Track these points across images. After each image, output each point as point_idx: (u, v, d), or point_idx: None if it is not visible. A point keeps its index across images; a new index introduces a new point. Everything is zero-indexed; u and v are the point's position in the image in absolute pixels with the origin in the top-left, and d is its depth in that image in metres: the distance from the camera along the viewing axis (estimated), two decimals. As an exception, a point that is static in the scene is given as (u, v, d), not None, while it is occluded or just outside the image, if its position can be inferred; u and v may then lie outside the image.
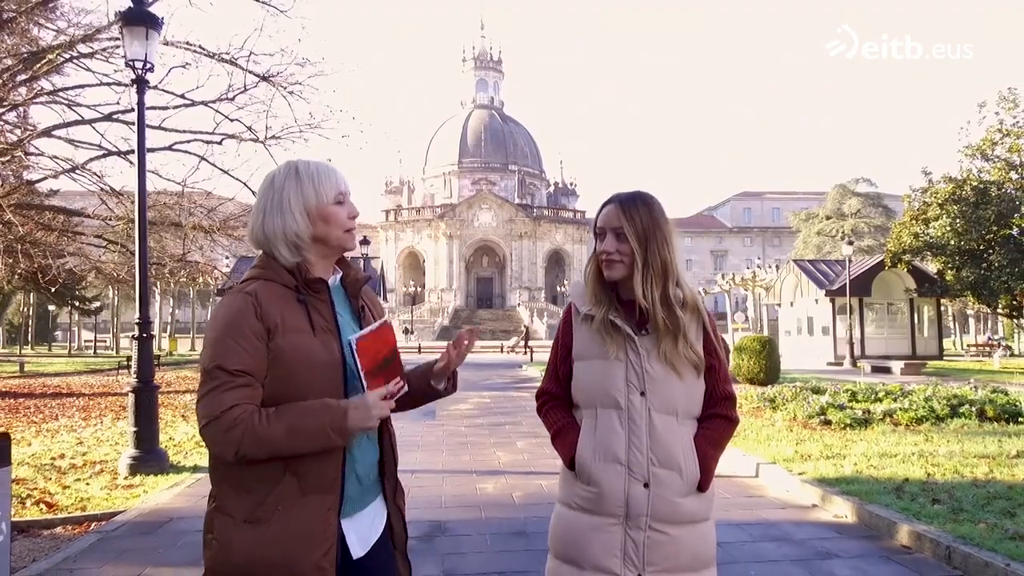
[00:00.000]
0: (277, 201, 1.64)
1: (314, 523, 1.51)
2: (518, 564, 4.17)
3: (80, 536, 4.91)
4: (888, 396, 9.83)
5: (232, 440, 1.48)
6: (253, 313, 1.54)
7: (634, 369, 1.74)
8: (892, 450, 6.84)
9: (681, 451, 1.74)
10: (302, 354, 1.54)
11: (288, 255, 1.63)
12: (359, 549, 1.62)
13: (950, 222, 24.81)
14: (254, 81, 15.18)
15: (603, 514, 1.72)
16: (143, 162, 7.51)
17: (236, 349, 1.51)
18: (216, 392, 1.50)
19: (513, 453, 7.84)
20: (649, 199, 1.82)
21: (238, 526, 1.51)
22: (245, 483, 1.53)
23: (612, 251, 1.77)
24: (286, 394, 1.53)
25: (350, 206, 1.70)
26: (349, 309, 1.73)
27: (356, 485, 1.62)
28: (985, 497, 5.00)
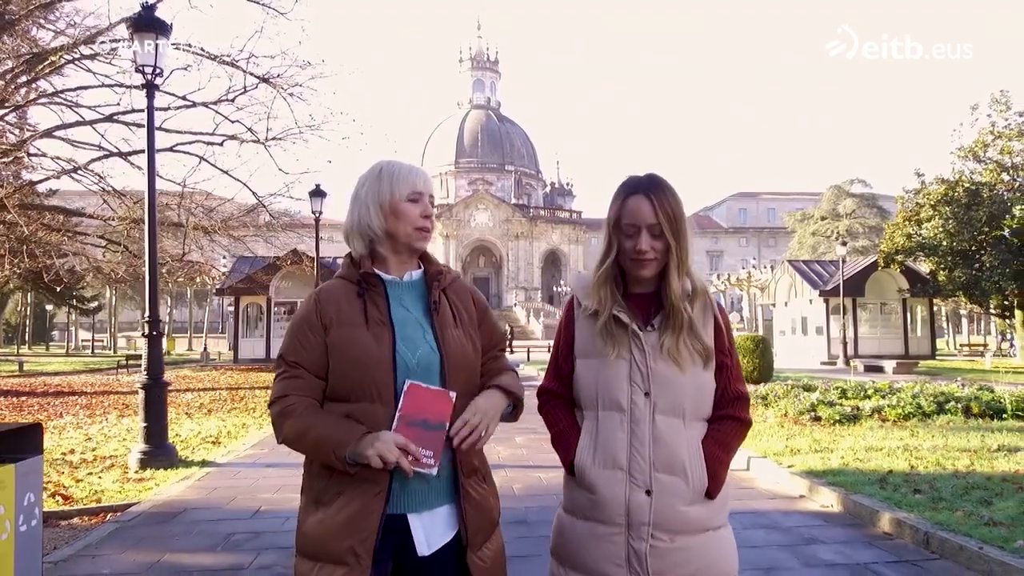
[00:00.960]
0: (358, 196, 1.74)
1: (361, 510, 1.56)
2: (519, 550, 4.38)
3: (98, 526, 5.12)
4: (877, 393, 10.10)
5: (277, 425, 1.65)
6: (314, 310, 1.67)
7: (638, 368, 1.66)
8: (878, 444, 7.09)
9: (687, 455, 1.65)
10: (351, 346, 1.62)
11: (360, 246, 1.73)
12: (425, 548, 1.63)
13: (942, 223, 25.15)
14: (254, 83, 15.38)
15: (604, 522, 1.64)
16: (153, 165, 7.70)
17: (295, 344, 1.67)
18: (278, 380, 1.68)
19: (512, 448, 8.06)
20: (669, 184, 1.72)
21: (308, 507, 1.64)
22: (316, 468, 1.65)
23: (648, 249, 1.66)
24: (342, 385, 1.63)
25: (424, 206, 1.73)
26: (424, 305, 1.74)
27: (421, 481, 1.62)
28: (964, 487, 5.24)
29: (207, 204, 18.64)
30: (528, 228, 72.88)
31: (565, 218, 77.12)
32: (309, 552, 1.60)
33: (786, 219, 67.56)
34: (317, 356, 1.64)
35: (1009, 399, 9.02)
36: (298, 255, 23.31)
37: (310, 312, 1.68)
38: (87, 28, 15.34)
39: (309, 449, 1.62)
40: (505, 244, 72.27)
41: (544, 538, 4.62)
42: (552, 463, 7.16)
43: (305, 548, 1.61)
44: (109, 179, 16.50)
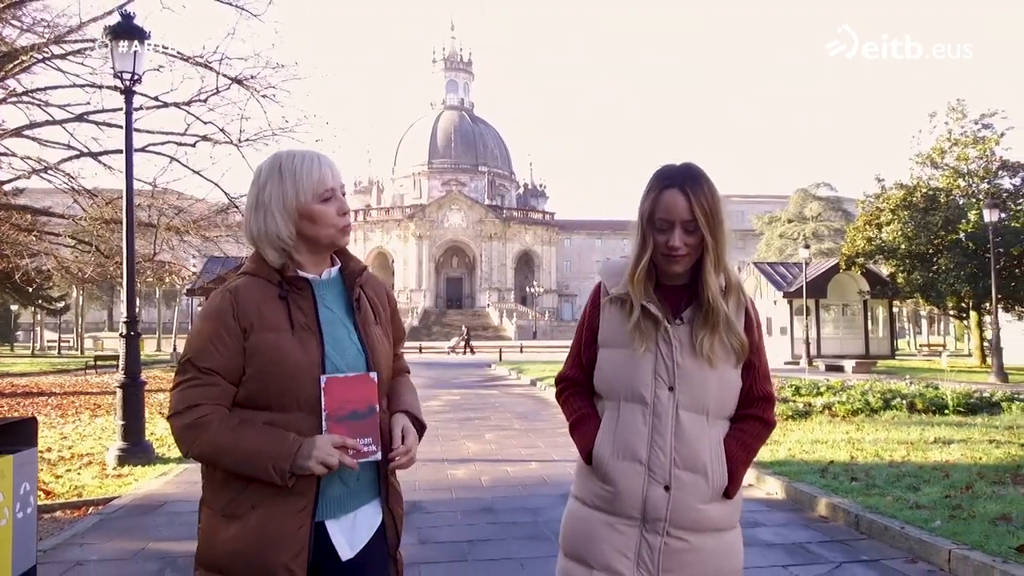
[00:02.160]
0: (260, 200, 1.59)
1: (286, 524, 1.48)
2: (485, 535, 4.72)
3: (81, 519, 5.33)
4: (829, 391, 10.63)
5: (187, 438, 1.50)
6: (231, 312, 1.53)
7: (664, 362, 1.62)
8: (824, 437, 7.55)
9: (709, 454, 1.61)
10: (276, 353, 1.51)
11: (275, 257, 1.58)
12: (348, 551, 1.58)
13: (901, 227, 25.96)
14: (226, 83, 15.49)
15: (618, 514, 1.62)
16: (131, 169, 7.89)
17: (208, 347, 1.51)
18: (184, 387, 1.52)
19: (482, 444, 8.38)
20: (706, 174, 1.64)
21: (217, 519, 1.51)
22: (224, 478, 1.52)
23: (681, 245, 1.60)
24: (263, 393, 1.52)
25: (339, 202, 1.61)
26: (344, 303, 1.66)
27: (340, 487, 1.57)
28: (896, 475, 5.68)
29: (178, 204, 18.65)
30: (501, 229, 73.27)
31: (538, 219, 77.66)
32: (221, 567, 1.50)
33: (754, 221, 68.77)
34: (233, 361, 1.51)
35: (951, 396, 9.59)
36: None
37: (226, 312, 1.53)
38: (56, 27, 15.31)
39: (235, 464, 1.48)
40: (478, 245, 72.56)
41: (508, 525, 4.99)
42: (518, 456, 7.55)
43: (216, 563, 1.51)
44: (81, 179, 16.53)
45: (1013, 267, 24.68)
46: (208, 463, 1.54)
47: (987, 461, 6.22)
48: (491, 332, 58.09)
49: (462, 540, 4.60)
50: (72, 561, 4.26)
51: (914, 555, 4.14)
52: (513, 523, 4.96)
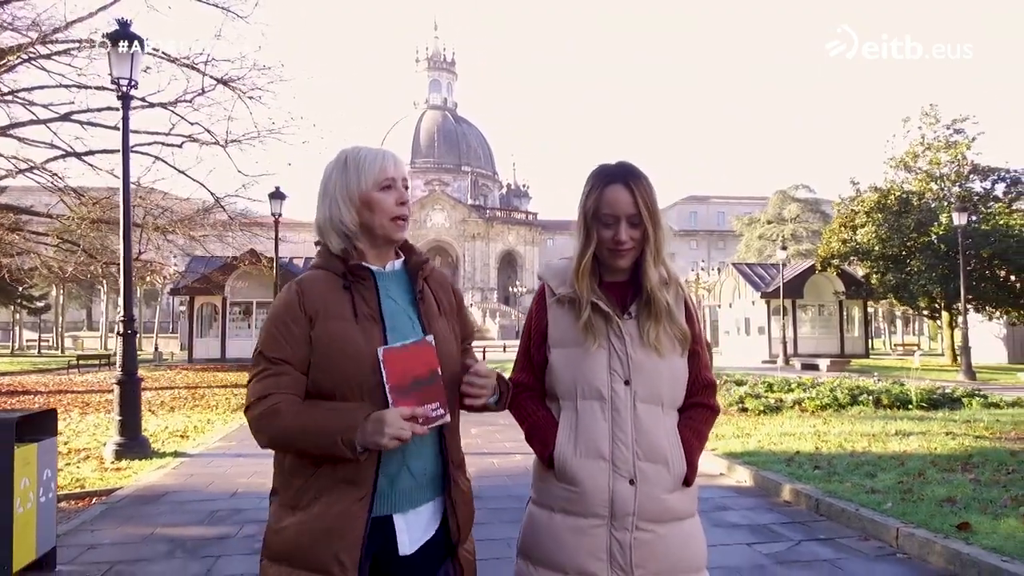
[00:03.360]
0: (326, 190, 1.64)
1: (343, 515, 1.49)
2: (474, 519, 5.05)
3: (86, 508, 5.60)
4: (799, 387, 11.09)
5: (262, 428, 1.53)
6: (297, 303, 1.57)
7: (618, 356, 1.63)
8: (793, 430, 7.98)
9: (667, 443, 1.63)
10: (340, 342, 1.53)
11: (338, 243, 1.63)
12: (408, 547, 1.57)
13: (875, 229, 26.57)
14: (212, 84, 15.69)
15: (586, 515, 1.61)
16: (127, 171, 8.11)
17: (277, 338, 1.55)
18: (258, 378, 1.55)
19: (468, 438, 8.66)
20: (641, 171, 1.69)
21: (284, 510, 1.54)
22: (292, 470, 1.55)
23: (626, 239, 1.64)
24: (329, 382, 1.53)
25: (399, 192, 1.65)
26: (408, 295, 1.67)
27: (409, 479, 1.56)
28: (856, 464, 6.10)
29: (163, 203, 18.76)
30: (484, 229, 73.60)
31: (521, 219, 78.06)
32: (284, 556, 1.52)
33: (734, 223, 69.67)
34: (301, 351, 1.55)
35: (915, 392, 10.07)
36: (256, 255, 23.50)
37: (292, 304, 1.57)
38: (41, 25, 15.37)
39: (307, 444, 1.50)
40: (461, 245, 72.82)
41: (495, 510, 5.33)
42: (503, 450, 7.90)
43: (280, 552, 1.53)
44: (67, 179, 16.63)
45: (983, 269, 25.40)
46: (282, 449, 1.56)
47: (941, 451, 6.66)
48: (475, 332, 58.36)
49: (452, 524, 4.92)
50: (85, 545, 4.54)
51: (866, 534, 4.54)
52: (500, 509, 5.29)
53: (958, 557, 3.86)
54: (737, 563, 4.07)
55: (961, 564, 3.83)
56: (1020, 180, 27.82)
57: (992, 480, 5.42)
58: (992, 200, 27.54)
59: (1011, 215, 25.68)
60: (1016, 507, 4.61)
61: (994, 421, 8.59)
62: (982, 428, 8.03)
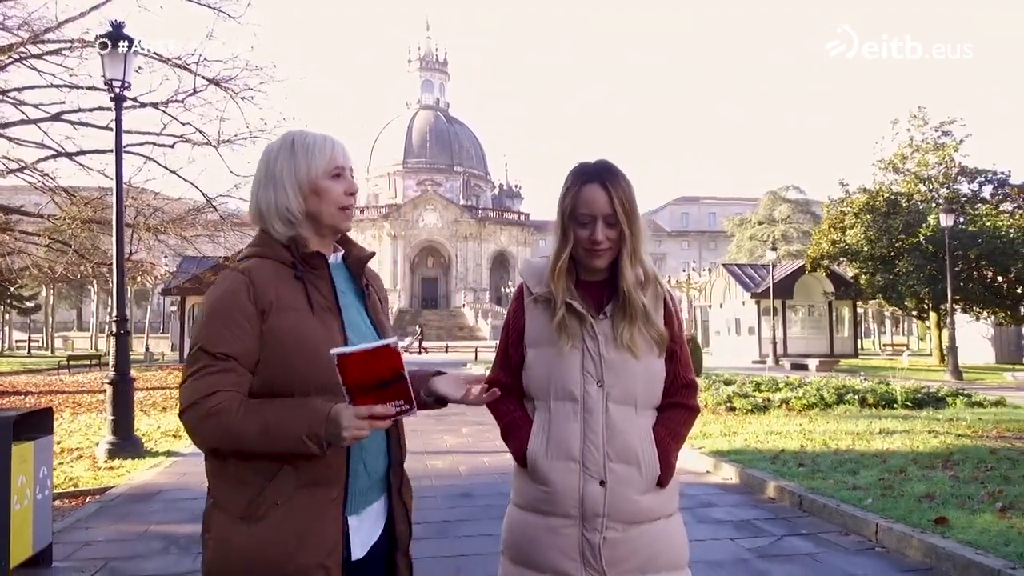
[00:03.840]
0: (270, 173, 1.56)
1: (316, 519, 1.40)
2: (463, 515, 5.14)
3: (81, 506, 5.66)
4: (787, 387, 11.23)
5: (206, 430, 1.39)
6: (245, 293, 1.45)
7: (591, 357, 1.63)
8: (779, 429, 8.10)
9: (640, 444, 1.62)
10: (298, 335, 1.44)
11: (282, 230, 1.54)
12: (359, 549, 1.51)
13: (864, 230, 26.78)
14: (203, 84, 15.72)
15: (558, 515, 1.61)
16: (120, 172, 8.16)
17: (222, 331, 1.42)
18: (198, 376, 1.40)
19: (459, 437, 8.79)
20: (621, 170, 1.68)
21: (235, 523, 1.39)
22: (241, 476, 1.41)
23: (602, 239, 1.63)
24: (284, 378, 1.43)
25: (348, 182, 1.59)
26: (353, 289, 1.62)
27: (365, 477, 1.50)
28: (839, 461, 6.22)
29: (155, 203, 18.75)
30: (477, 229, 73.58)
31: (513, 220, 78.12)
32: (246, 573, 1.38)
33: (725, 224, 70.01)
34: (250, 346, 1.43)
35: (900, 391, 10.22)
36: (247, 255, 23.48)
37: (239, 295, 1.45)
38: (31, 24, 15.35)
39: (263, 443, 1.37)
40: (454, 245, 72.80)
41: (485, 507, 5.42)
42: (495, 448, 8.00)
43: (238, 571, 1.38)
44: (58, 179, 16.61)
45: (971, 270, 25.65)
46: (230, 452, 1.41)
47: (923, 449, 6.79)
48: (466, 332, 58.41)
49: (442, 520, 5.01)
50: (80, 542, 4.60)
51: (847, 529, 4.65)
52: (489, 506, 5.38)
53: (934, 551, 3.98)
54: (720, 558, 4.17)
55: (937, 557, 3.95)
56: (1007, 182, 28.13)
57: (971, 477, 5.54)
58: (980, 202, 27.83)
59: (998, 216, 25.97)
60: (992, 502, 4.73)
61: (976, 420, 8.74)
62: (964, 427, 8.17)
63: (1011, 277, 24.90)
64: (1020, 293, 25.49)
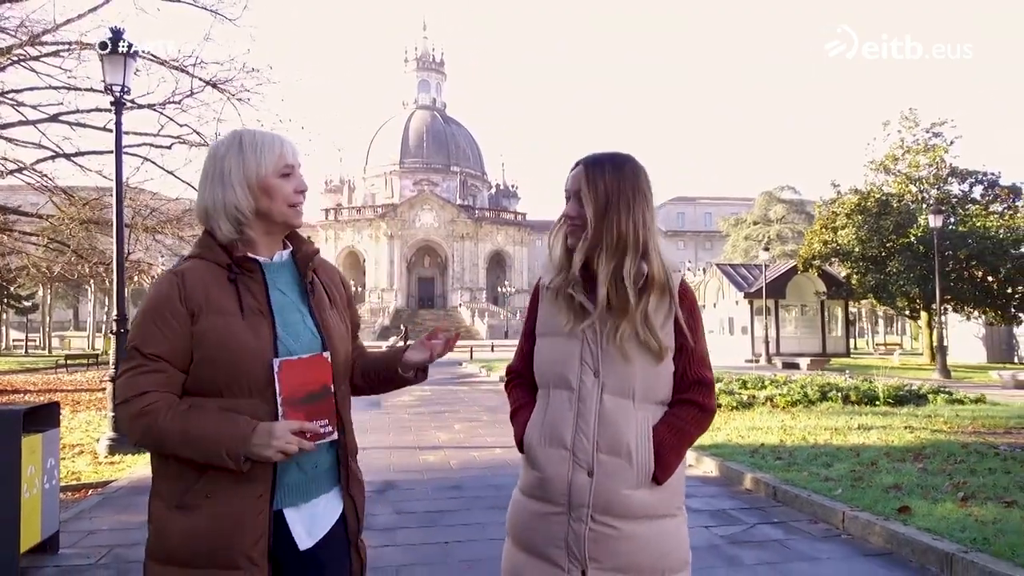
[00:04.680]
0: (218, 172, 1.56)
1: (244, 512, 1.46)
2: (453, 507, 5.36)
3: (84, 498, 5.86)
4: (772, 384, 11.48)
5: (136, 428, 1.46)
6: (177, 295, 1.50)
7: (590, 347, 1.62)
8: (761, 425, 8.35)
9: (634, 438, 1.59)
10: (224, 337, 1.48)
11: (228, 230, 1.56)
12: (307, 540, 1.56)
13: (855, 231, 27.05)
14: (200, 86, 15.93)
15: (548, 502, 1.62)
16: (120, 174, 8.37)
17: (154, 332, 1.48)
18: (131, 374, 1.48)
19: (451, 433, 9.02)
20: (621, 161, 1.66)
21: (171, 512, 1.48)
22: (178, 469, 1.48)
23: (573, 215, 1.65)
24: (211, 379, 1.48)
25: (298, 180, 1.61)
26: (297, 286, 1.64)
27: (298, 473, 1.55)
28: (815, 455, 6.46)
29: (152, 204, 18.94)
30: (473, 229, 73.76)
31: (510, 220, 78.33)
32: (177, 558, 1.47)
33: (721, 224, 70.32)
34: (181, 347, 1.49)
35: (882, 389, 10.47)
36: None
37: (172, 297, 1.50)
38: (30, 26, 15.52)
39: (186, 451, 1.45)
40: (450, 245, 72.98)
41: (474, 498, 5.65)
42: (485, 444, 8.23)
43: (171, 554, 1.48)
44: (57, 179, 16.83)
45: (961, 270, 25.92)
46: (158, 451, 1.50)
47: (897, 443, 7.04)
48: (462, 331, 58.60)
49: (433, 511, 5.23)
50: (85, 531, 4.82)
51: (817, 517, 4.89)
52: (478, 497, 5.61)
53: (895, 537, 4.22)
54: (692, 543, 4.36)
55: (897, 543, 4.19)
56: (997, 183, 28.45)
57: (939, 469, 5.79)
58: (970, 202, 28.14)
59: (987, 217, 26.27)
60: (955, 492, 4.97)
61: (954, 416, 8.99)
62: (941, 423, 8.43)
63: (1000, 277, 25.18)
64: (1010, 293, 25.78)
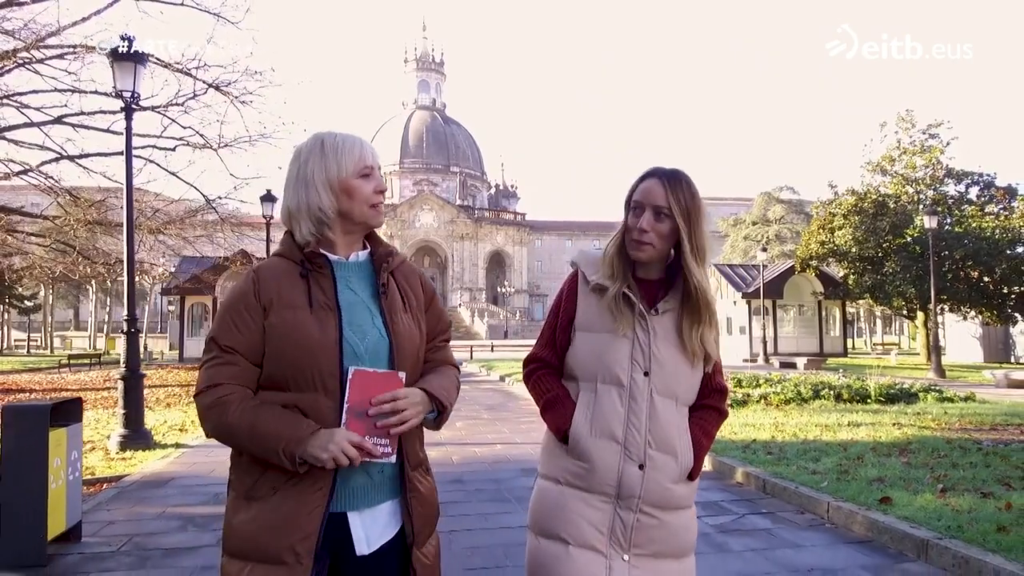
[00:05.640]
0: (301, 175, 1.61)
1: (301, 507, 1.49)
2: (455, 498, 5.59)
3: (100, 492, 6.09)
4: (767, 383, 11.72)
5: (209, 419, 1.52)
6: (252, 291, 1.56)
7: (641, 348, 1.70)
8: (754, 422, 8.58)
9: (678, 436, 1.71)
10: (293, 331, 1.52)
11: (310, 230, 1.60)
12: (364, 547, 1.56)
13: (852, 231, 27.24)
14: (203, 88, 16.16)
15: (593, 491, 1.69)
16: (130, 177, 8.59)
17: (229, 326, 1.54)
18: (208, 365, 1.54)
19: (453, 431, 9.24)
20: (690, 179, 1.76)
21: (240, 501, 1.54)
22: (247, 461, 1.54)
23: (648, 229, 1.70)
24: (280, 372, 1.52)
25: (377, 180, 1.66)
26: (371, 287, 1.65)
27: (363, 476, 1.55)
28: (805, 450, 6.69)
29: (155, 204, 19.17)
30: (473, 229, 74.04)
31: (510, 220, 78.59)
32: (239, 551, 1.51)
33: (720, 224, 70.55)
34: (254, 340, 1.54)
35: (873, 387, 10.71)
36: (247, 256, 23.95)
37: (248, 292, 1.56)
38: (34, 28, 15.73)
39: (250, 446, 1.50)
40: (450, 245, 73.25)
41: (474, 491, 5.89)
42: (485, 440, 8.47)
43: (235, 547, 1.53)
44: (62, 181, 17.07)
45: (957, 270, 26.15)
46: (226, 443, 1.54)
47: (885, 439, 7.27)
48: (463, 332, 58.88)
49: (436, 502, 5.46)
50: (104, 521, 5.05)
51: (803, 508, 5.12)
52: (479, 490, 5.84)
53: (875, 525, 4.45)
54: (684, 531, 4.62)
55: (877, 531, 4.42)
56: (993, 183, 28.66)
57: (922, 463, 6.02)
58: (966, 203, 28.34)
59: (983, 217, 26.50)
60: (935, 484, 5.20)
61: (942, 413, 9.22)
62: (929, 420, 8.65)
63: (996, 277, 25.41)
64: (1005, 293, 26.01)
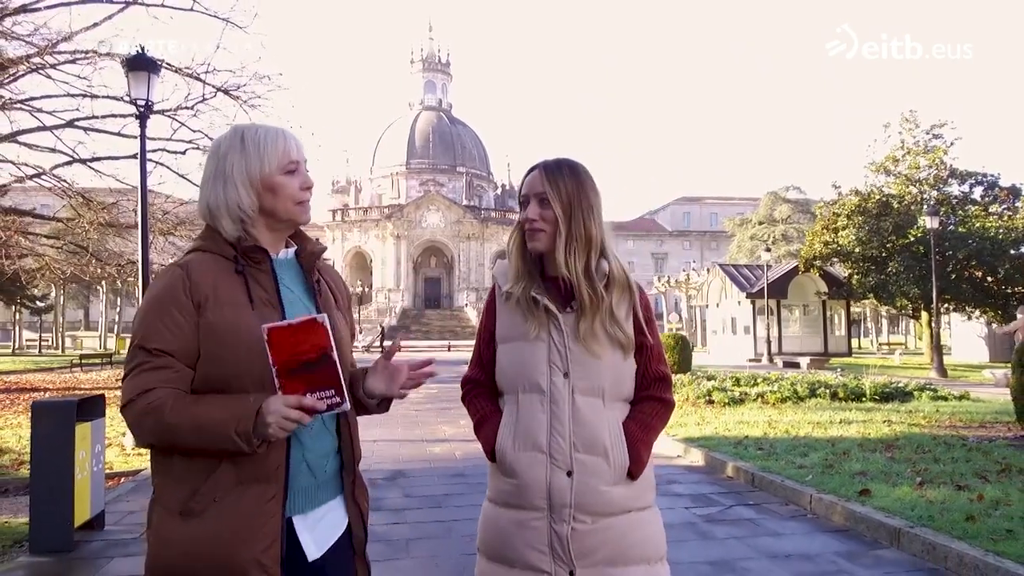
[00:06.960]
0: (220, 170, 1.51)
1: (254, 515, 1.38)
2: (457, 491, 5.87)
3: (119, 485, 6.39)
4: (764, 381, 11.94)
5: (144, 426, 1.39)
6: (181, 288, 1.43)
7: (557, 349, 1.64)
8: (749, 419, 8.82)
9: (608, 435, 1.63)
10: (234, 329, 1.41)
11: (231, 229, 1.49)
12: (314, 550, 1.49)
13: (856, 232, 27.36)
14: (212, 92, 16.53)
15: (526, 508, 1.62)
16: (144, 181, 8.90)
17: (158, 327, 1.41)
18: (135, 373, 1.40)
19: (457, 427, 9.52)
20: (575, 166, 1.72)
21: (173, 519, 1.39)
22: (180, 471, 1.40)
23: (535, 218, 1.67)
24: (220, 373, 1.41)
25: (303, 176, 1.55)
26: (303, 284, 1.58)
27: (308, 476, 1.48)
28: (794, 446, 6.93)
29: (165, 207, 19.54)
30: (479, 229, 74.25)
31: (516, 220, 78.72)
32: (183, 571, 1.38)
33: (726, 223, 70.64)
34: (187, 341, 1.42)
35: (869, 386, 10.92)
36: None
37: (176, 289, 1.43)
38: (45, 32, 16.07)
39: (198, 442, 1.36)
40: (456, 245, 73.51)
41: (476, 484, 6.22)
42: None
43: (173, 566, 1.39)
44: (75, 184, 17.47)
45: (961, 270, 26.24)
46: (167, 447, 1.41)
47: (874, 435, 7.50)
48: (469, 331, 59.12)
49: (439, 494, 5.74)
50: (124, 512, 5.34)
51: (788, 500, 5.37)
52: (480, 484, 6.05)
53: (853, 515, 4.70)
54: (670, 521, 4.86)
55: (854, 521, 4.67)
56: (997, 184, 28.74)
57: (905, 458, 6.25)
58: (970, 203, 28.42)
59: (987, 217, 26.58)
60: (914, 478, 5.43)
61: (934, 411, 9.43)
62: (920, 417, 8.86)
63: (999, 277, 25.50)
64: (1009, 293, 26.08)
